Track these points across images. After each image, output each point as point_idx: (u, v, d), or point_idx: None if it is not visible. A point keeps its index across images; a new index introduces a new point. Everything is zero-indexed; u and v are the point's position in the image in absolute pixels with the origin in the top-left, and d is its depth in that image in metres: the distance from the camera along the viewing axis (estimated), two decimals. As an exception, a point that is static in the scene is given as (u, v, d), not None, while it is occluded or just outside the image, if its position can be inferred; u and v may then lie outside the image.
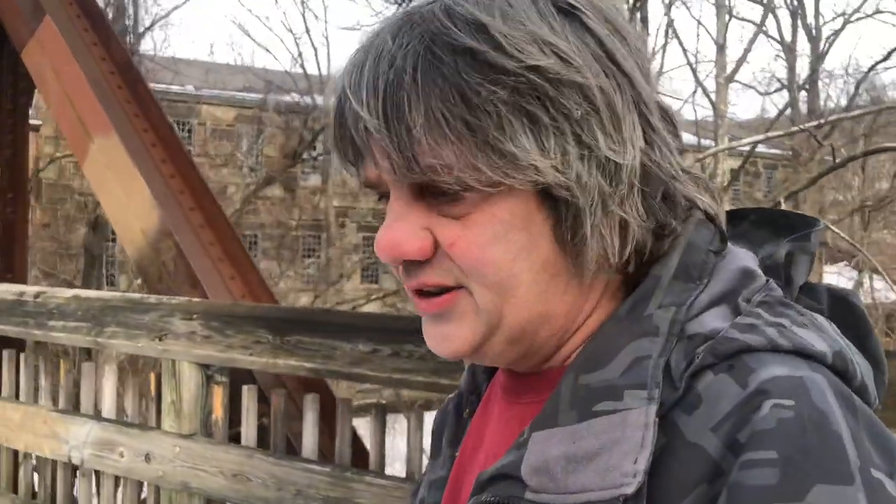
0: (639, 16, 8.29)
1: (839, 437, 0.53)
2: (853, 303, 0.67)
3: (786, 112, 16.67)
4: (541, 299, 0.61)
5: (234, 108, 19.65)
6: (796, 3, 18.04)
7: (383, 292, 15.68)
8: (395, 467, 2.37)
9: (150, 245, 3.17)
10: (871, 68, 16.65)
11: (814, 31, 18.39)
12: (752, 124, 19.38)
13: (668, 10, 13.62)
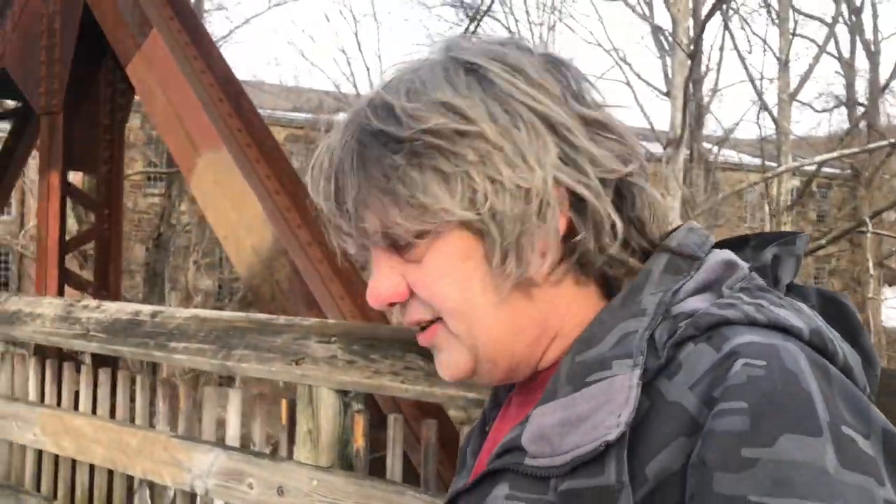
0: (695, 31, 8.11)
1: (808, 394, 0.56)
2: (843, 302, 0.70)
3: (849, 129, 16.22)
4: (501, 318, 0.69)
5: (284, 129, 19.78)
6: (854, 19, 17.63)
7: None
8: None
9: (263, 263, 3.05)
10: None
11: (872, 47, 17.95)
12: (808, 143, 18.94)
13: (703, 27, 13.32)
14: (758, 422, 0.55)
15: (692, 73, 7.78)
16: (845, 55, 17.60)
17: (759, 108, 13.74)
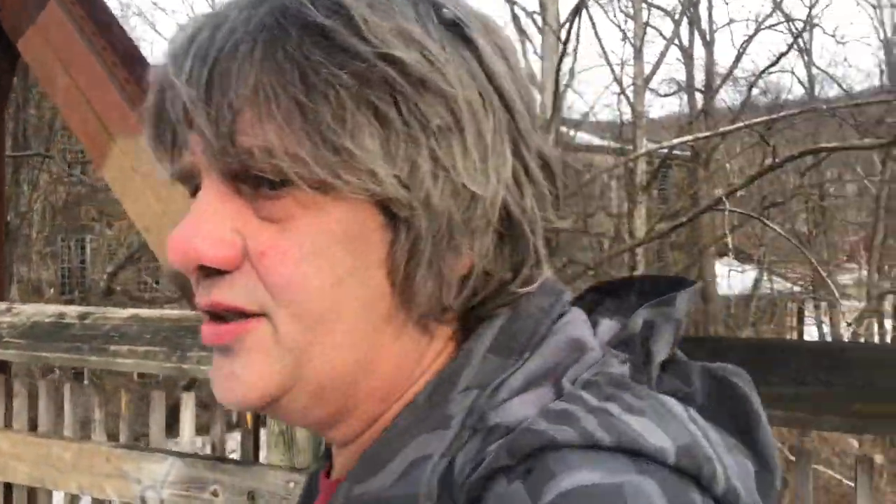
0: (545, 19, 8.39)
1: None
2: (734, 383, 0.51)
3: (698, 113, 17.41)
4: (364, 343, 0.49)
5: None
6: (692, 11, 18.88)
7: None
8: None
9: (195, 257, 2.87)
10: (762, 72, 17.58)
11: (708, 37, 19.30)
12: (662, 125, 20.28)
13: (576, 14, 13.84)
14: None
15: (562, 59, 8.04)
16: (685, 44, 18.88)
17: (617, 93, 14.39)
